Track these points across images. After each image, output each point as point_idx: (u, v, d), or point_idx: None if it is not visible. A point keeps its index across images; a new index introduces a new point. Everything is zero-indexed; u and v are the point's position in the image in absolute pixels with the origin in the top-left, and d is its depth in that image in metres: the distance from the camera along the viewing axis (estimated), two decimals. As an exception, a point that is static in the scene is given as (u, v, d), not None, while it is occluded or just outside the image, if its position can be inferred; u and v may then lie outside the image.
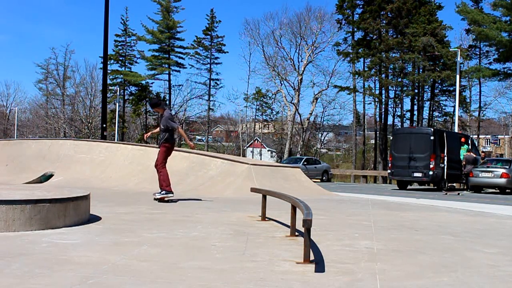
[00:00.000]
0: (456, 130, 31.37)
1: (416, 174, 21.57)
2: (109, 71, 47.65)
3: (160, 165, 9.55)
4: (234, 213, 8.25)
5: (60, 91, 65.83)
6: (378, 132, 45.55)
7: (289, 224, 6.12)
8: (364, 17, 42.79)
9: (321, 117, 56.38)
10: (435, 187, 22.94)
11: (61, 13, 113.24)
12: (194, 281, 3.82)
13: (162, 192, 9.56)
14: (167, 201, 9.58)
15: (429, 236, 6.47)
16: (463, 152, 22.80)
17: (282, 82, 52.29)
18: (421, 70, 43.02)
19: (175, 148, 10.44)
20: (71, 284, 3.65)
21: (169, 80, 56.55)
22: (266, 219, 7.43)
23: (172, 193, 9.58)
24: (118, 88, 55.93)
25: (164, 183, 9.49)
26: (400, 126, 44.59)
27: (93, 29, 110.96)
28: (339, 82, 68.66)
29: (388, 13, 42.41)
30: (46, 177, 15.33)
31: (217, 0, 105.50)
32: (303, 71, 51.14)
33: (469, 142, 24.41)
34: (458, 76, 32.26)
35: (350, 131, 56.54)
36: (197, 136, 68.73)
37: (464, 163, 22.13)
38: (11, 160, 17.04)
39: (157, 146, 10.20)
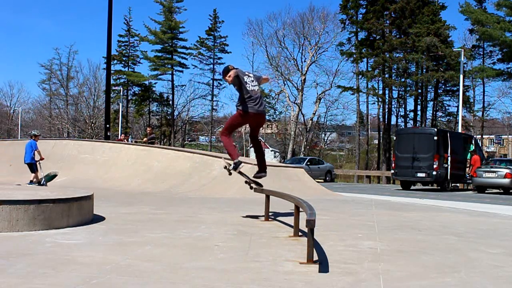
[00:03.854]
0: (459, 130, 31.30)
1: (419, 174, 21.55)
2: (112, 72, 47.65)
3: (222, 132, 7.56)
4: (238, 213, 8.25)
5: (64, 91, 66.06)
6: (381, 132, 45.46)
7: (293, 224, 6.11)
8: (368, 17, 42.74)
9: (325, 117, 56.37)
10: (439, 187, 22.91)
11: (65, 13, 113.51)
12: (197, 281, 3.82)
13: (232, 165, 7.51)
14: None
15: (432, 237, 6.45)
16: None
17: (285, 82, 52.33)
18: (424, 70, 42.95)
19: (178, 148, 10.14)
20: (74, 284, 3.66)
21: (172, 81, 56.65)
22: (269, 219, 7.43)
23: (239, 162, 7.33)
24: (121, 88, 56.07)
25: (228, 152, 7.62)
26: (403, 126, 44.54)
27: (96, 30, 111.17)
28: (343, 82, 68.61)
29: (392, 13, 42.35)
30: (50, 177, 15.38)
31: (220, 0, 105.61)
32: (306, 71, 51.16)
33: (473, 142, 24.43)
34: (461, 76, 32.20)
35: (354, 131, 56.51)
36: (200, 137, 68.77)
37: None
38: (15, 160, 17.09)
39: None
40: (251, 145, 59.02)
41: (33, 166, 13.70)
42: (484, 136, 50.44)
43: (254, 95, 7.13)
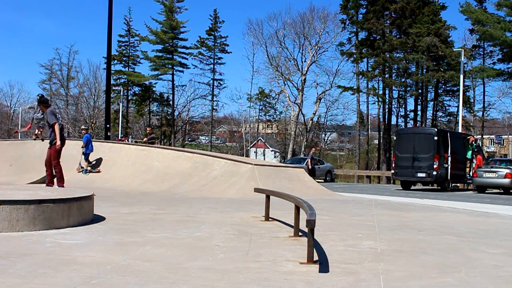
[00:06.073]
0: (460, 130, 31.28)
1: (419, 174, 21.52)
2: (112, 72, 47.61)
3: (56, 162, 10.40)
4: (238, 213, 8.25)
5: (64, 91, 66.03)
6: (381, 132, 45.44)
7: (293, 224, 6.11)
8: (368, 17, 42.69)
9: (325, 117, 56.29)
10: (439, 188, 22.90)
11: (65, 13, 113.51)
12: (197, 281, 3.82)
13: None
14: None
15: (432, 237, 6.45)
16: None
17: (285, 82, 52.26)
18: (424, 70, 42.90)
19: (178, 148, 10.68)
20: (75, 284, 3.66)
21: (173, 80, 56.56)
22: (269, 219, 7.43)
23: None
24: (121, 89, 55.97)
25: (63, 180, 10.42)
26: (403, 126, 44.51)
27: (97, 30, 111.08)
28: (343, 82, 68.31)
29: (392, 13, 42.29)
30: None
31: (220, 0, 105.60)
32: (306, 71, 51.12)
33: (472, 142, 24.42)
34: (462, 76, 32.17)
35: (354, 131, 56.49)
36: (200, 137, 68.73)
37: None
38: (15, 160, 17.08)
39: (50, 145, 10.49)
40: (251, 145, 58.80)
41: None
42: (484, 136, 50.40)
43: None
